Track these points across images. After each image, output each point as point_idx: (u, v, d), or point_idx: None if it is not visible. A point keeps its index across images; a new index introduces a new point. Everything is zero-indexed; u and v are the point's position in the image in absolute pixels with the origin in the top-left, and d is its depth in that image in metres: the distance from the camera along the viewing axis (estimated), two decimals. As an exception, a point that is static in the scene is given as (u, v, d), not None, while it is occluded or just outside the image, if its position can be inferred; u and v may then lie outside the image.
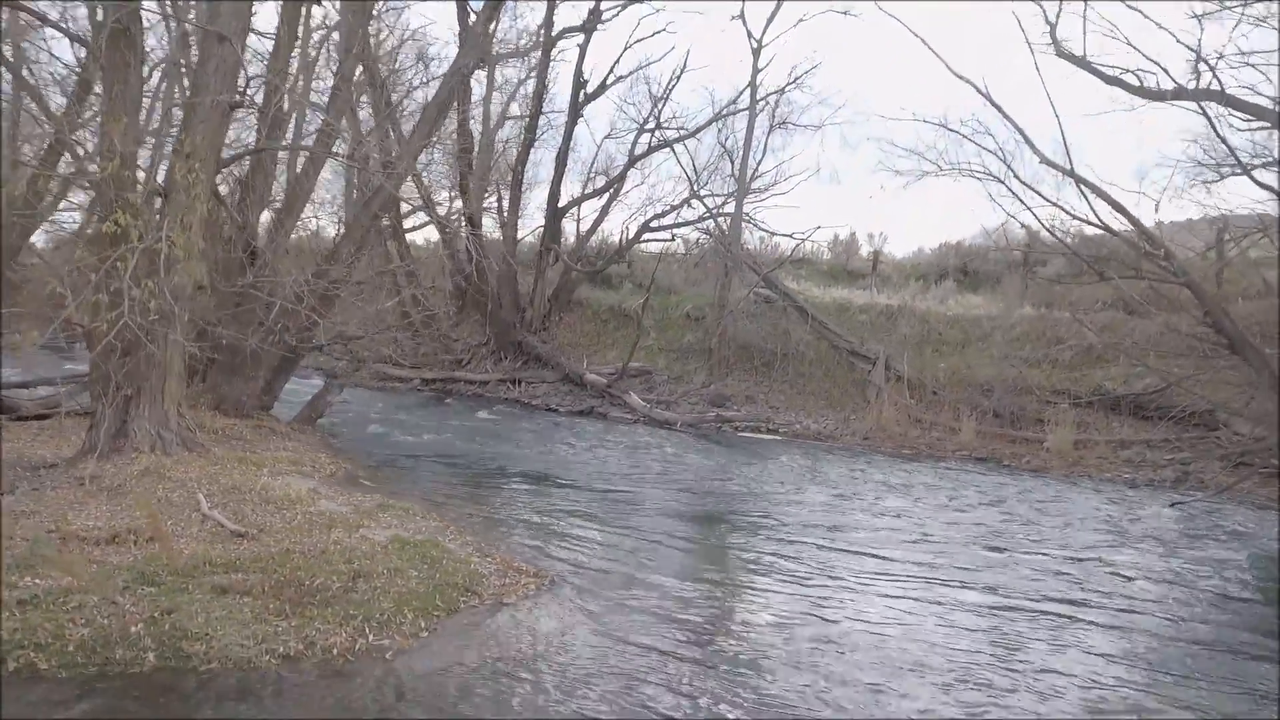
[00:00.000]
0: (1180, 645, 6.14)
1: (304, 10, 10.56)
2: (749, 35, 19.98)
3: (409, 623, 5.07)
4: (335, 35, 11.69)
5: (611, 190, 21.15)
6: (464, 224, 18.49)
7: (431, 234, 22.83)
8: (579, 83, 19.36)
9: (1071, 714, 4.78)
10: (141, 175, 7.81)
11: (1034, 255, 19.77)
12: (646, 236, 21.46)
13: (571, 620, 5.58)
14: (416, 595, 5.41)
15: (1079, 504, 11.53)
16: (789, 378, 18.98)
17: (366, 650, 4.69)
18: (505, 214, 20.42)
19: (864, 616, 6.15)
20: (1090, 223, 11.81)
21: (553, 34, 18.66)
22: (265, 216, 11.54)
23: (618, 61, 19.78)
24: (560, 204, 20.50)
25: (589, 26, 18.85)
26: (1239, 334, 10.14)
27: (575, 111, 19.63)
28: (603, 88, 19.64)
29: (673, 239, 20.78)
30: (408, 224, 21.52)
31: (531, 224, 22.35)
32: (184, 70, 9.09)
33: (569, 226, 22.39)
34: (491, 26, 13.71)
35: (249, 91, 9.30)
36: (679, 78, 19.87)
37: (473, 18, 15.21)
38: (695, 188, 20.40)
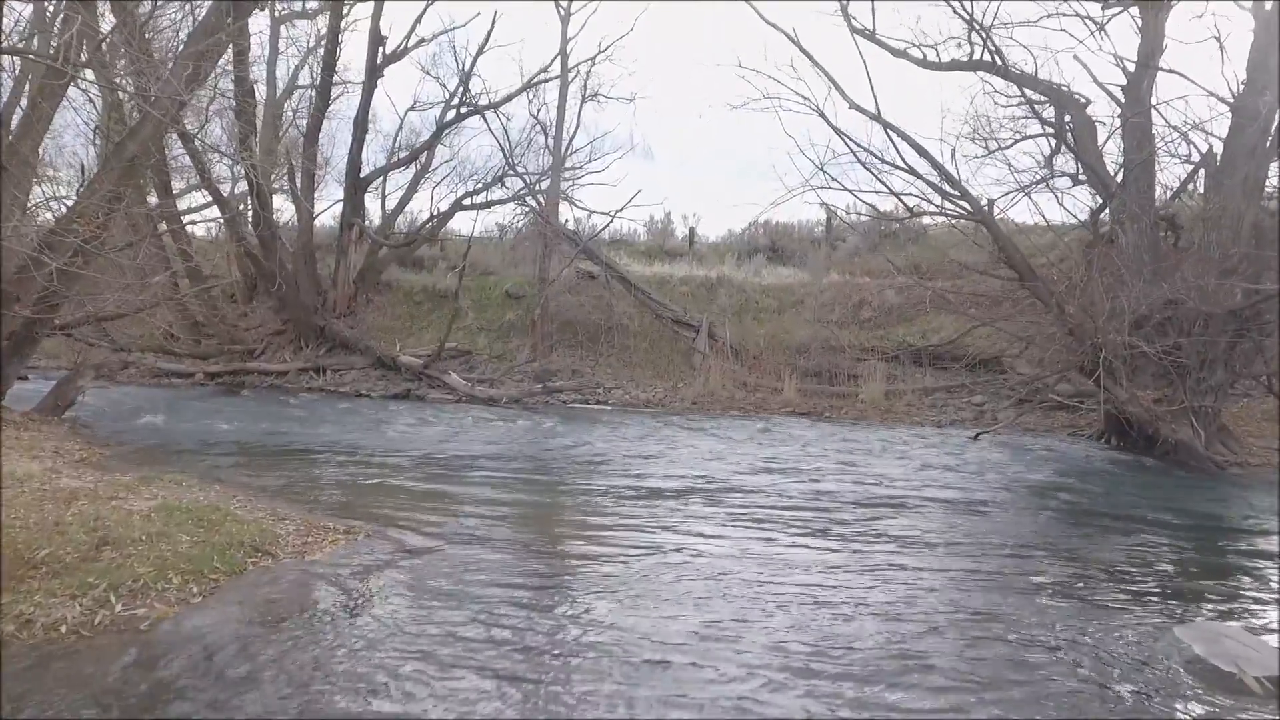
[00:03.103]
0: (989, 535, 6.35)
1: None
2: (555, 1, 19.48)
3: (175, 588, 3.99)
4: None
5: (420, 161, 19.75)
6: (250, 195, 16.40)
7: (212, 213, 20.22)
8: (377, 38, 17.82)
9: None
10: None
11: (838, 223, 20.83)
12: (460, 215, 20.30)
13: (383, 571, 4.70)
14: (186, 559, 4.31)
15: (890, 445, 12.04)
16: (615, 350, 18.69)
17: (112, 622, 3.59)
18: (299, 187, 18.42)
19: (680, 548, 5.69)
20: (897, 166, 12.40)
21: (344, -14, 17.04)
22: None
23: (419, 20, 18.49)
24: (362, 174, 18.82)
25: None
26: (1026, 265, 11.00)
27: (375, 72, 18.06)
28: (404, 49, 18.25)
29: (489, 205, 19.75)
30: (180, 205, 18.88)
31: (329, 200, 20.46)
32: None
33: (373, 206, 20.72)
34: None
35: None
36: (485, 46, 18.89)
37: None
38: (510, 162, 19.52)
